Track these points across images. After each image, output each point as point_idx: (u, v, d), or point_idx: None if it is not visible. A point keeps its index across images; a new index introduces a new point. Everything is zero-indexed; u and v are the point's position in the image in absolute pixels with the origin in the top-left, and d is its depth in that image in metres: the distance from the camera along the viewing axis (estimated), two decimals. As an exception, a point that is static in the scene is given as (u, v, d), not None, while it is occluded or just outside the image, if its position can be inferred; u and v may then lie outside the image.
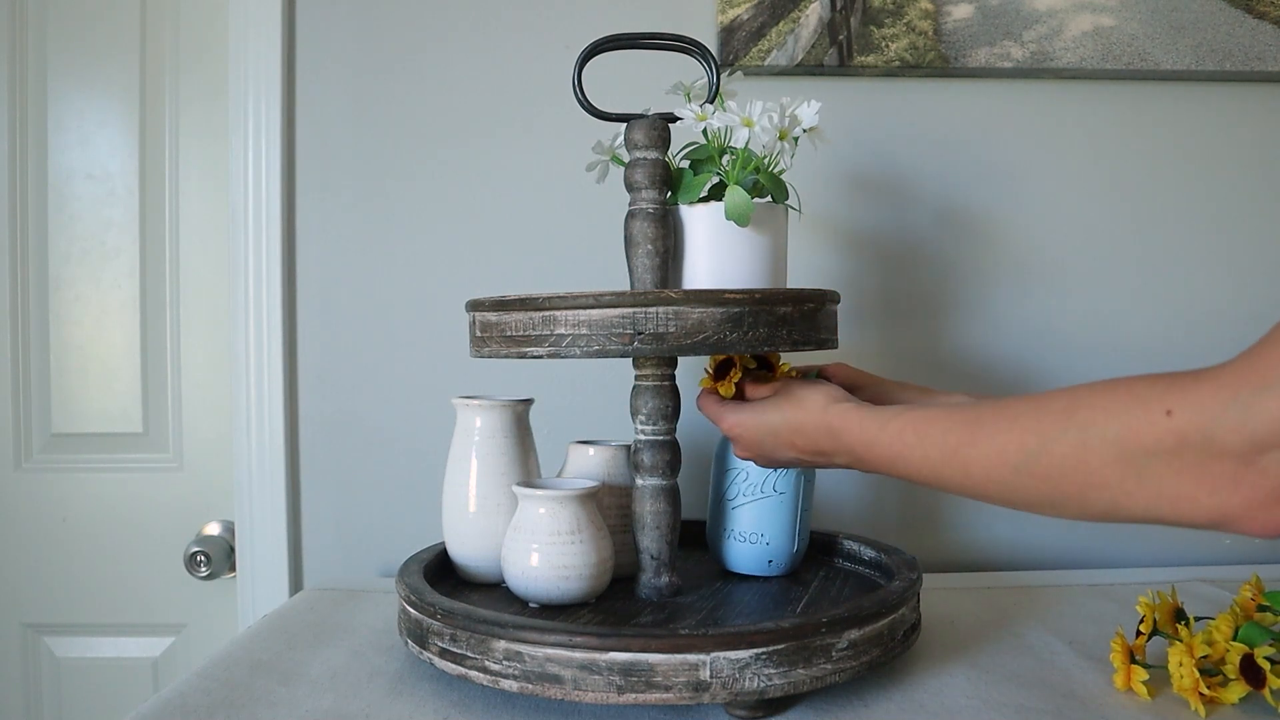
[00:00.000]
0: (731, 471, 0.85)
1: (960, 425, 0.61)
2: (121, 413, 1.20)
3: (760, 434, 0.75)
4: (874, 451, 0.68)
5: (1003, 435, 0.57)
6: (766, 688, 0.64)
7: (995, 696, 0.70)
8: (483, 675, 0.67)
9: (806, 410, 0.73)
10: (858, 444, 0.69)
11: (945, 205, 1.14)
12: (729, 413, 0.78)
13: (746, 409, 0.77)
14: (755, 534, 0.84)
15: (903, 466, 0.66)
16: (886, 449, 0.67)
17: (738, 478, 0.84)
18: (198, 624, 1.20)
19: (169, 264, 1.20)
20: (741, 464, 0.83)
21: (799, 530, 0.85)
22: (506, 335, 0.74)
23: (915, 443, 0.64)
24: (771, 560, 0.85)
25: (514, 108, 1.12)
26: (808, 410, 0.73)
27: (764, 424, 0.75)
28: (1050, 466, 0.54)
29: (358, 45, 1.12)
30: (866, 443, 0.68)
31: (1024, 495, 0.57)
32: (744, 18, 1.09)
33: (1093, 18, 1.11)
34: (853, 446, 0.69)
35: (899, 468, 0.66)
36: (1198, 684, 0.67)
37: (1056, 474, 0.54)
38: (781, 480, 0.83)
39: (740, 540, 0.84)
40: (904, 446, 0.65)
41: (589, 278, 1.10)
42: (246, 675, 0.75)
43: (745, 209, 0.74)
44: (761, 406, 0.76)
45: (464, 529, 0.84)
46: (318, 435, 1.13)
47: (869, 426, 0.68)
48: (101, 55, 1.19)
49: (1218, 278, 1.15)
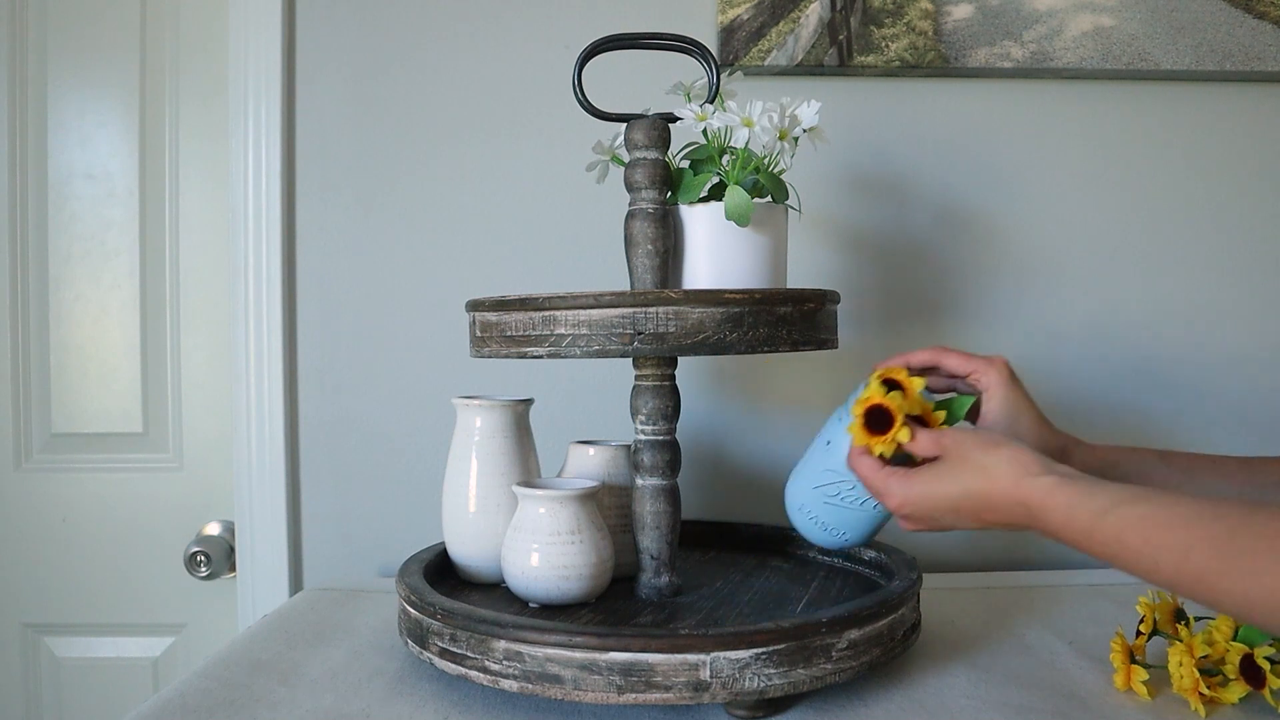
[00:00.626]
0: (837, 473, 0.75)
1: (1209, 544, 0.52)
2: (121, 413, 1.20)
3: (938, 510, 0.65)
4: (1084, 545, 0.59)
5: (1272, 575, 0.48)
6: (766, 688, 0.64)
7: (995, 696, 0.70)
8: (483, 675, 0.67)
9: (994, 481, 0.63)
10: (1064, 532, 0.60)
11: (945, 205, 1.14)
12: (897, 486, 0.66)
13: (918, 481, 0.66)
14: (835, 530, 0.77)
15: (1120, 564, 0.57)
16: (1102, 547, 0.58)
17: (843, 484, 0.75)
18: (198, 624, 1.20)
19: (169, 264, 1.20)
20: (853, 476, 0.73)
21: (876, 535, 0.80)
22: (506, 335, 0.74)
23: (1143, 549, 0.55)
24: (842, 546, 0.79)
25: (514, 108, 1.12)
26: (996, 482, 0.63)
27: (943, 499, 0.65)
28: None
29: (358, 45, 1.12)
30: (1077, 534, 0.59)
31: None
32: (744, 18, 1.09)
33: (1093, 18, 1.11)
34: (1058, 533, 0.60)
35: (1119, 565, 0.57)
36: (1198, 684, 0.67)
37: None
38: None
39: (820, 527, 0.77)
40: (1125, 550, 0.56)
41: (589, 278, 1.10)
42: (246, 675, 0.75)
43: (745, 209, 0.74)
44: (936, 476, 0.65)
45: (464, 529, 0.84)
46: (318, 435, 1.13)
47: (1079, 515, 0.58)
48: (101, 55, 1.19)
49: (1218, 277, 1.15)
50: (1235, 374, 1.15)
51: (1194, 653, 0.68)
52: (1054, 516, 0.60)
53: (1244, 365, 1.15)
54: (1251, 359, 1.15)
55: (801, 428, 1.13)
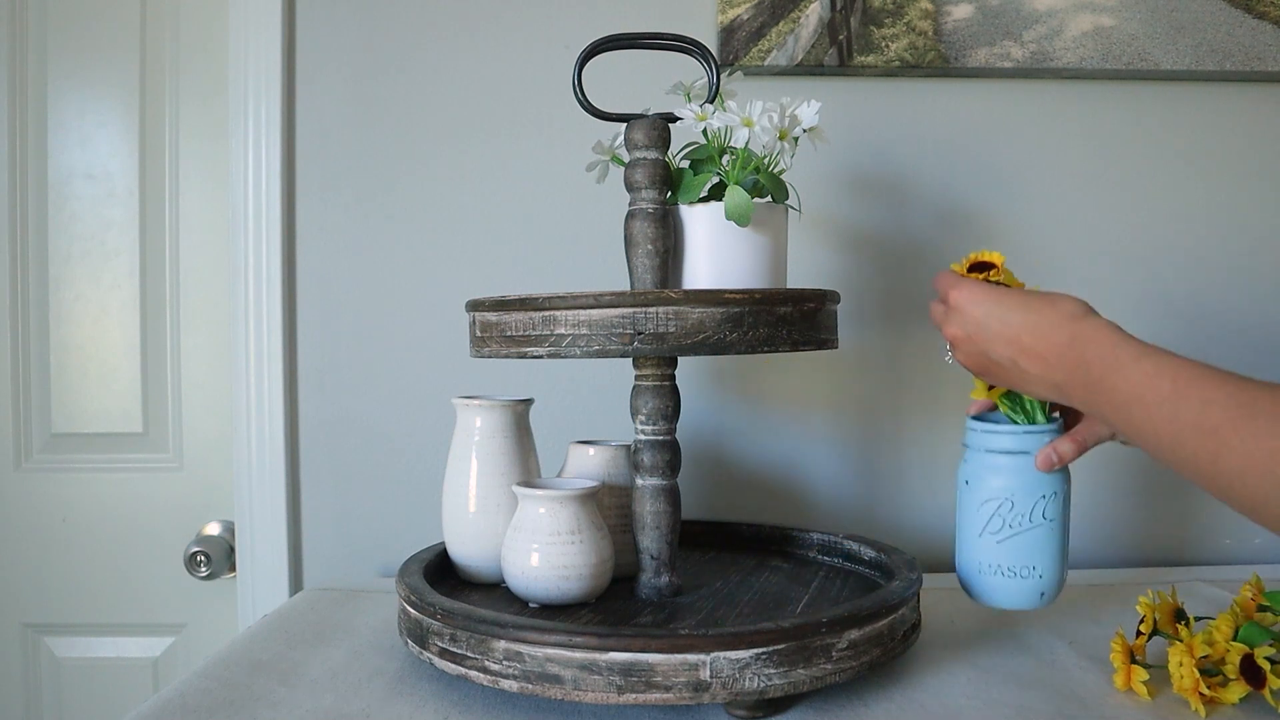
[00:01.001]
0: (992, 503, 0.75)
1: (1230, 400, 0.53)
2: (121, 413, 1.20)
3: (989, 318, 0.67)
4: (1112, 380, 0.59)
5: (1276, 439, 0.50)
6: (766, 688, 0.64)
7: (995, 697, 0.70)
8: (483, 675, 0.67)
9: (1056, 309, 0.64)
10: (1098, 363, 0.60)
11: (945, 205, 1.14)
12: (967, 284, 0.69)
13: (986, 286, 0.68)
14: (1026, 567, 0.74)
15: (1139, 412, 0.57)
16: (1130, 384, 0.57)
17: (1001, 508, 0.74)
18: (198, 624, 1.20)
19: (169, 264, 1.20)
20: (1003, 493, 0.74)
21: (1066, 558, 0.77)
22: (506, 335, 0.74)
23: (1169, 394, 0.55)
24: (1044, 593, 0.75)
25: (514, 108, 1.12)
26: (1058, 309, 0.64)
27: (999, 308, 0.66)
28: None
29: (358, 45, 1.12)
30: (1111, 366, 0.59)
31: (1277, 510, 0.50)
32: (744, 18, 1.09)
33: (1093, 18, 1.11)
34: (1091, 365, 0.60)
35: (1134, 413, 0.57)
36: (1198, 684, 0.67)
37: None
38: (1051, 506, 0.74)
39: (1008, 576, 0.75)
40: (1152, 391, 0.56)
41: (589, 278, 1.10)
42: (246, 675, 0.75)
43: (745, 209, 0.74)
44: (1003, 291, 0.68)
45: (464, 529, 0.84)
46: (318, 435, 1.13)
47: (1122, 351, 0.59)
48: (101, 55, 1.19)
49: (1218, 277, 1.15)
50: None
51: (1194, 653, 0.68)
52: (1096, 348, 0.60)
53: (1244, 365, 1.15)
54: (1251, 359, 1.15)
55: (802, 428, 1.13)
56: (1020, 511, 0.74)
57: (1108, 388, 0.59)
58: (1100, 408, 0.61)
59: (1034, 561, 0.74)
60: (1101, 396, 0.60)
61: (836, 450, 1.14)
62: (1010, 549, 0.74)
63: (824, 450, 1.14)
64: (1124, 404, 0.58)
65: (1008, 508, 0.74)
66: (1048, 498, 0.74)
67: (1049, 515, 0.74)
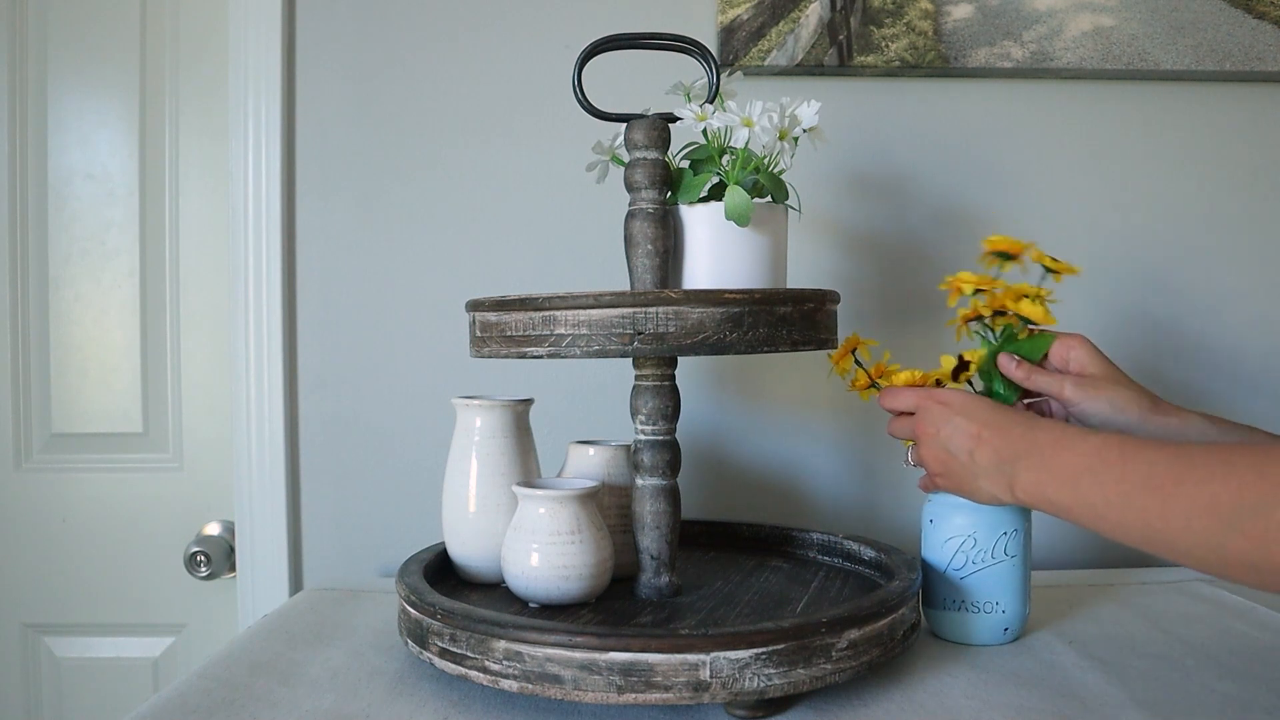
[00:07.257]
0: (955, 539, 0.79)
1: (1170, 459, 0.57)
2: (121, 413, 1.20)
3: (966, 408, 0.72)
4: (1064, 456, 0.63)
5: (1218, 483, 0.53)
6: (766, 688, 0.64)
7: (995, 697, 0.70)
8: (483, 675, 0.67)
9: (1016, 409, 0.70)
10: (1049, 443, 0.64)
11: (945, 205, 1.14)
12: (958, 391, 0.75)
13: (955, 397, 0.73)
14: (989, 603, 0.79)
15: (1088, 481, 0.61)
16: (1080, 456, 0.62)
17: (964, 545, 0.79)
18: (198, 624, 1.20)
19: (169, 264, 1.20)
20: (966, 530, 0.79)
21: (1029, 593, 0.82)
22: (506, 335, 0.74)
23: (1116, 460, 0.59)
24: (1007, 628, 0.80)
25: (514, 108, 1.12)
26: (1017, 410, 0.70)
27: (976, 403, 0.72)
28: (1270, 529, 0.49)
29: (358, 45, 1.12)
30: (1061, 443, 0.64)
31: (1225, 554, 0.52)
32: (744, 18, 1.09)
33: (1093, 18, 1.11)
34: (1044, 445, 0.65)
35: (1083, 483, 0.61)
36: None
37: (1275, 539, 0.49)
38: (1012, 542, 0.79)
39: (973, 611, 0.79)
40: (1100, 460, 0.60)
41: (589, 278, 1.10)
42: (246, 675, 0.75)
43: (745, 209, 0.74)
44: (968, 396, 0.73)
45: (464, 529, 0.84)
46: (318, 435, 1.13)
47: (1071, 430, 0.64)
48: (101, 55, 1.19)
49: (1217, 277, 1.15)
50: (1236, 374, 1.15)
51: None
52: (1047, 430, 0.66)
53: (1244, 366, 1.15)
54: (1252, 360, 1.15)
55: (801, 428, 1.13)
56: (983, 548, 0.78)
57: (1059, 464, 0.63)
58: (1046, 488, 0.64)
59: (997, 597, 0.79)
60: (1051, 474, 0.64)
61: (836, 450, 1.14)
62: (974, 585, 0.79)
63: (824, 450, 1.14)
64: (1074, 476, 0.62)
65: (970, 544, 0.78)
66: (1009, 534, 0.79)
67: (1010, 551, 0.79)
